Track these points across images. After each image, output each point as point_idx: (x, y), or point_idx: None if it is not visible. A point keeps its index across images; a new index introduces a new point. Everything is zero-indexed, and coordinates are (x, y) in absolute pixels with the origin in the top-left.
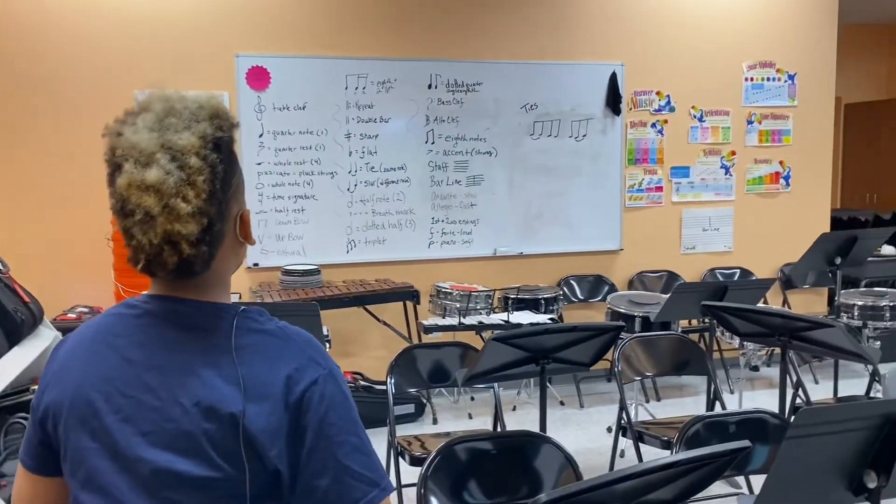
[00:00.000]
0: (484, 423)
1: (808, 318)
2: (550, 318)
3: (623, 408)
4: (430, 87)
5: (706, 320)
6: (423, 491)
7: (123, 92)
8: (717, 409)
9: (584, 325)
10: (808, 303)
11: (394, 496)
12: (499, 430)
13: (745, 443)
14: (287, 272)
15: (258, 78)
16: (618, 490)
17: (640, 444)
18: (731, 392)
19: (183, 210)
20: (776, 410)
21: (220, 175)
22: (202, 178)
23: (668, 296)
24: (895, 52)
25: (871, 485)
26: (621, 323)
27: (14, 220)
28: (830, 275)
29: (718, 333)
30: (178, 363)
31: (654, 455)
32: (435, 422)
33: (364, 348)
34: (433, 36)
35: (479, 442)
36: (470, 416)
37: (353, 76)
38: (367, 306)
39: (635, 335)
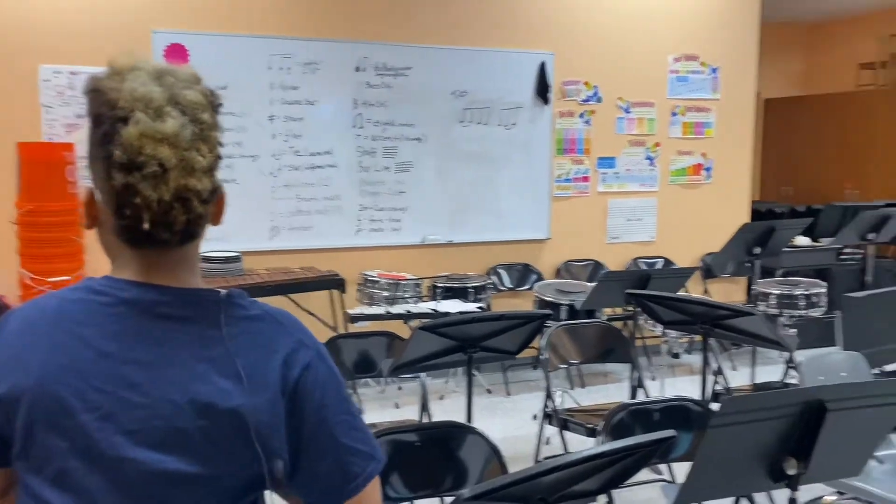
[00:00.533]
0: (412, 412)
1: (729, 307)
2: (479, 307)
3: (549, 395)
4: (357, 69)
5: (630, 308)
6: None
7: (27, 69)
8: (640, 396)
9: (511, 313)
10: (728, 292)
11: None
12: (424, 420)
13: (671, 432)
14: (206, 259)
15: (176, 56)
16: (543, 483)
17: (565, 432)
18: (653, 379)
19: (198, 164)
20: (697, 397)
21: (220, 136)
22: (214, 133)
23: (593, 284)
24: (811, 50)
25: (791, 471)
26: (548, 311)
27: None
28: (749, 264)
29: (641, 321)
30: (164, 357)
31: (579, 442)
32: (360, 412)
33: None
34: (361, 17)
35: (403, 434)
36: (396, 406)
37: (277, 56)
38: (290, 295)
39: (561, 323)
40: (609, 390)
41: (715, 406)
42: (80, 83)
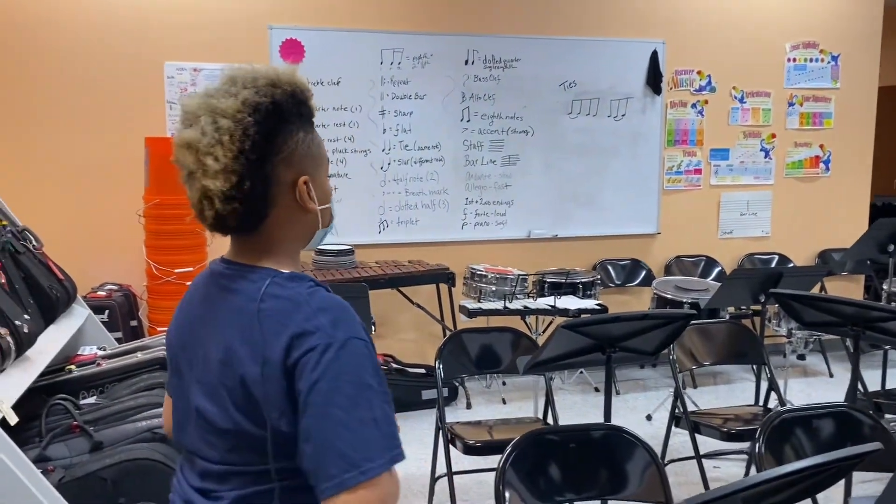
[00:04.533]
0: (519, 408)
1: (891, 309)
2: (598, 304)
3: (678, 397)
4: (466, 62)
5: (758, 307)
6: (500, 487)
7: (154, 64)
8: (772, 400)
9: (655, 313)
10: (845, 289)
11: (419, 482)
12: (550, 418)
13: (877, 445)
14: (320, 252)
15: (292, 51)
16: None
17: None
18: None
19: (212, 167)
20: (834, 400)
21: (252, 136)
22: (229, 137)
23: (712, 281)
24: None
25: None
26: (692, 311)
27: (43, 195)
28: (868, 262)
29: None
30: (216, 321)
31: (712, 445)
32: (469, 406)
33: (394, 331)
34: (470, 9)
35: (555, 434)
36: (504, 402)
37: (389, 50)
38: (400, 288)
39: (692, 323)
40: (719, 391)
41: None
42: (202, 79)
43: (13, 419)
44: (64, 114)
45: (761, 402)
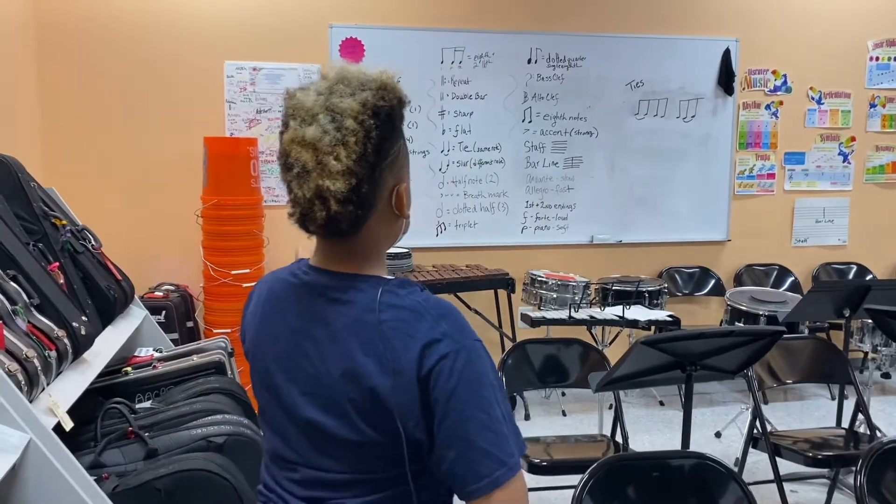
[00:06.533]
0: (580, 421)
1: None
2: (669, 316)
3: (757, 417)
4: (529, 61)
5: (838, 322)
6: None
7: (214, 65)
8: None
9: (742, 329)
10: None
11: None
12: (619, 436)
13: None
14: None
15: (352, 50)
16: None
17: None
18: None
19: (334, 167)
20: None
21: (373, 140)
22: (354, 139)
23: (789, 293)
24: None
25: None
26: (782, 328)
27: (102, 195)
28: None
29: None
30: (329, 335)
31: (787, 467)
32: (527, 417)
33: None
34: (534, 7)
35: (636, 461)
36: (564, 414)
37: (450, 49)
38: (458, 293)
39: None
40: (791, 409)
41: None
42: (261, 79)
43: (68, 425)
44: (123, 114)
45: (844, 425)
